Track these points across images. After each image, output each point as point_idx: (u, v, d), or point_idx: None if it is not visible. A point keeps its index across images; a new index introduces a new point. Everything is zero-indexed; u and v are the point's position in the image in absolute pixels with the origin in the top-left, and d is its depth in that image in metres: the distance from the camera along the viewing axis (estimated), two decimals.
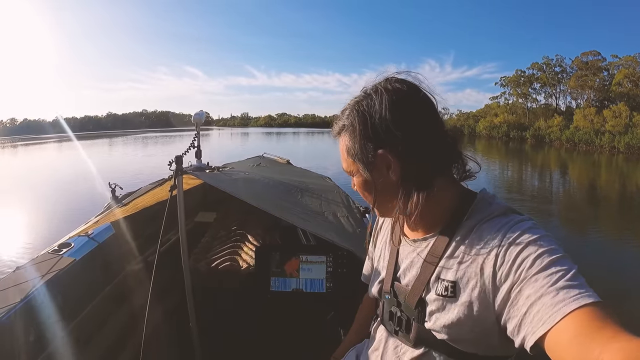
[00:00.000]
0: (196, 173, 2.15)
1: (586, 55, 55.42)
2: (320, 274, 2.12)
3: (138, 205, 2.66)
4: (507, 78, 65.26)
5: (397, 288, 0.99)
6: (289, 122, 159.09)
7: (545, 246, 0.72)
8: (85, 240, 2.62)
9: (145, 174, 14.13)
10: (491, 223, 0.82)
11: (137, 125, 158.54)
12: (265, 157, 5.33)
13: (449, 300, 0.83)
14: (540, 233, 0.76)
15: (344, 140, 0.93)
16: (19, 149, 48.87)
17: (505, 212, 0.84)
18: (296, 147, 39.73)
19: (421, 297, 0.89)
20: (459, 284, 0.82)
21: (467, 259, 0.82)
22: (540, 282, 0.67)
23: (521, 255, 0.73)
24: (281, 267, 2.16)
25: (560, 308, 0.62)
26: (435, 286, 0.87)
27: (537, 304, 0.66)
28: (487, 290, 0.77)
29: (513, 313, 0.71)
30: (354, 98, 0.93)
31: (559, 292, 0.64)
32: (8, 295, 1.99)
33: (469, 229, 0.85)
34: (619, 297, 5.27)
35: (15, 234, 8.39)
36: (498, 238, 0.78)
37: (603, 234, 9.03)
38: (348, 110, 0.92)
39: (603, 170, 23.75)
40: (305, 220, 2.22)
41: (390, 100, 0.85)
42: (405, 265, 0.97)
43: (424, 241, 0.93)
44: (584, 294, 0.63)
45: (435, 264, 0.88)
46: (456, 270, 0.83)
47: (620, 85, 48.99)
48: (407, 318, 0.94)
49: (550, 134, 49.08)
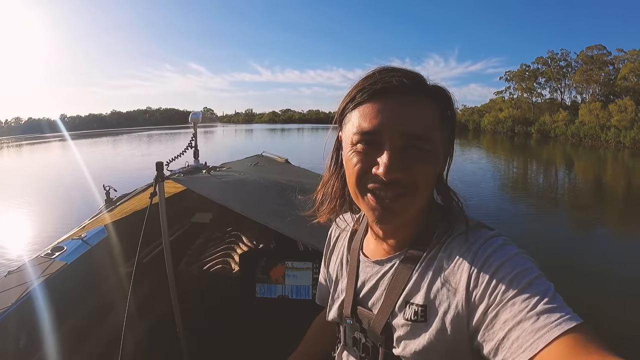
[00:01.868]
0: (179, 178, 2.15)
1: (591, 49, 55.13)
2: (306, 280, 2.11)
3: (130, 208, 2.65)
4: (512, 73, 65.13)
5: (360, 313, 0.90)
6: (293, 118, 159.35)
7: (520, 266, 0.69)
8: (79, 244, 2.61)
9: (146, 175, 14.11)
10: (460, 240, 0.78)
11: (141, 123, 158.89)
12: (264, 156, 5.32)
13: (419, 325, 0.77)
14: (514, 251, 0.72)
15: (430, 103, 0.76)
16: (24, 149, 49.07)
17: (475, 227, 0.79)
18: (299, 144, 39.62)
19: (387, 322, 0.83)
20: (429, 307, 0.77)
21: (437, 281, 0.77)
22: (518, 306, 0.64)
23: (496, 277, 0.69)
24: (267, 273, 2.14)
25: (542, 335, 0.59)
26: (403, 310, 0.80)
27: (516, 330, 0.62)
28: (461, 313, 0.72)
29: (489, 337, 0.67)
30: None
31: (539, 317, 0.61)
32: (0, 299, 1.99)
33: (438, 246, 0.80)
34: (618, 294, 5.24)
35: (16, 234, 8.42)
36: (470, 257, 0.74)
37: (611, 233, 8.99)
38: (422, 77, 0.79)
39: (609, 166, 23.60)
40: (294, 226, 2.20)
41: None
42: (368, 288, 0.89)
43: (388, 262, 0.86)
44: (565, 318, 0.60)
45: (402, 287, 0.81)
46: (425, 292, 0.77)
47: (626, 79, 48.67)
48: (373, 344, 0.87)
49: (555, 128, 48.94)
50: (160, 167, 2.03)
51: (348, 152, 0.79)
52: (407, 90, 0.74)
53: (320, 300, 1.21)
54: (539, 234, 7.90)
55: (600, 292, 5.22)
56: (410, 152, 0.73)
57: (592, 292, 5.17)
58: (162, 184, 2.03)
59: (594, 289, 5.29)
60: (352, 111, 0.78)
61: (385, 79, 0.74)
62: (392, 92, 0.74)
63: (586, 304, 4.20)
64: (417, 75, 0.77)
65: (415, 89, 0.75)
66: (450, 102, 0.80)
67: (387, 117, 0.73)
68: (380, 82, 0.74)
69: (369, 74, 0.77)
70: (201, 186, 2.26)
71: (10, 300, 1.98)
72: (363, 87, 0.76)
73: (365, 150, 0.76)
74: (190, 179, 2.32)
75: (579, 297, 4.54)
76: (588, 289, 5.26)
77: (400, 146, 0.73)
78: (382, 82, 0.74)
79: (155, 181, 2.01)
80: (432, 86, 0.78)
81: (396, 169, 0.72)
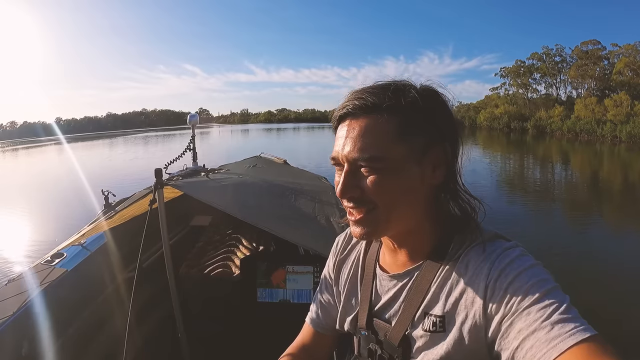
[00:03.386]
0: (178, 184, 2.14)
1: (586, 44, 55.18)
2: (307, 284, 2.11)
3: (130, 214, 2.65)
4: (507, 69, 65.18)
5: (377, 325, 0.91)
6: (289, 118, 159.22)
7: (536, 277, 0.70)
8: (79, 250, 2.60)
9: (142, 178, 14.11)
10: (478, 250, 0.79)
11: (137, 125, 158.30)
12: (262, 157, 5.32)
13: (437, 335, 0.79)
14: (531, 262, 0.73)
15: (385, 119, 0.76)
16: (20, 153, 48.94)
17: (492, 238, 0.80)
18: (296, 144, 39.62)
19: (405, 334, 0.84)
20: (447, 317, 0.78)
21: (455, 291, 0.78)
22: (533, 316, 0.65)
23: (512, 287, 0.70)
24: (268, 277, 2.14)
25: (556, 345, 0.60)
26: (421, 322, 0.81)
27: (530, 339, 0.63)
28: (478, 323, 0.73)
29: (504, 346, 0.68)
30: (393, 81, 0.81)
31: (554, 326, 0.62)
32: (1, 308, 1.99)
33: (455, 257, 0.80)
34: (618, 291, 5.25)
35: (14, 241, 8.38)
36: (487, 267, 0.75)
37: (607, 229, 9.01)
38: (393, 87, 0.79)
39: (606, 160, 23.66)
40: (294, 229, 2.20)
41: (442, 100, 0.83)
42: (385, 300, 0.90)
43: (406, 275, 0.87)
44: (579, 329, 0.60)
45: (420, 299, 0.82)
46: (444, 303, 0.79)
47: (621, 74, 48.79)
48: (390, 356, 0.88)
49: (551, 124, 48.95)
50: (159, 174, 2.03)
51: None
52: (360, 111, 0.78)
53: (321, 320, 1.12)
54: (538, 233, 7.85)
55: (599, 290, 5.23)
56: (363, 172, 0.78)
57: (592, 291, 5.17)
58: (161, 190, 2.03)
59: (592, 286, 5.29)
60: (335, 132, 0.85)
61: (348, 104, 0.79)
62: (350, 116, 0.80)
63: (585, 301, 4.19)
64: (378, 90, 0.79)
65: (370, 108, 0.77)
66: (420, 106, 0.78)
67: (339, 145, 0.80)
68: (344, 107, 0.80)
69: (345, 96, 0.83)
70: (200, 191, 2.26)
71: (11, 308, 1.97)
72: (336, 113, 0.83)
73: (337, 173, 0.83)
74: (189, 184, 2.31)
75: (578, 296, 4.52)
76: (587, 286, 5.27)
77: (354, 167, 0.78)
78: (344, 108, 0.80)
79: (155, 188, 2.01)
80: (391, 99, 0.77)
81: (348, 188, 0.79)
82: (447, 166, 0.81)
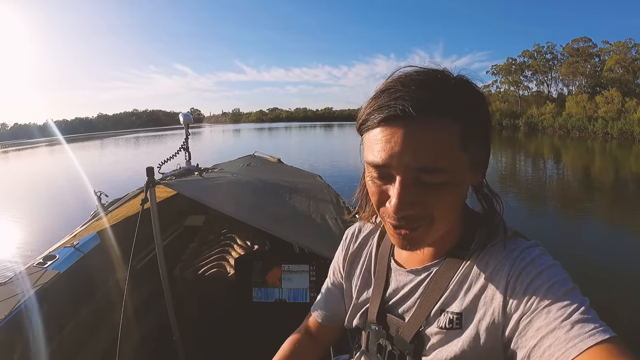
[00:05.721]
0: (170, 183, 2.12)
1: (577, 41, 55.78)
2: (303, 283, 2.09)
3: (122, 214, 2.61)
4: (499, 66, 65.73)
5: (390, 320, 0.88)
6: (280, 117, 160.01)
7: (557, 276, 0.69)
8: (71, 252, 2.57)
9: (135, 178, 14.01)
10: (499, 248, 0.77)
11: (128, 125, 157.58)
12: (257, 156, 5.29)
13: (453, 333, 0.77)
14: (551, 262, 0.72)
15: (449, 123, 0.68)
16: (10, 155, 48.57)
17: (513, 236, 0.78)
18: (289, 143, 39.59)
19: (418, 331, 0.81)
20: (465, 314, 0.76)
21: (474, 288, 0.76)
22: (553, 315, 0.64)
23: (532, 285, 0.69)
24: (263, 277, 2.13)
25: (576, 344, 0.59)
26: (437, 319, 0.79)
27: (549, 338, 0.62)
28: (497, 321, 0.72)
29: (522, 344, 0.66)
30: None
31: (573, 326, 0.61)
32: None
33: (475, 255, 0.79)
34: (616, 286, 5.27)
35: (5, 243, 8.30)
36: (507, 265, 0.73)
37: (601, 225, 9.07)
38: (453, 82, 0.71)
39: (597, 157, 23.83)
40: (289, 228, 2.17)
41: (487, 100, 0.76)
42: (400, 295, 0.87)
43: (424, 271, 0.84)
44: (599, 329, 0.60)
45: (438, 296, 0.80)
46: (462, 300, 0.77)
47: (612, 71, 49.38)
48: (400, 352, 0.85)
49: (543, 121, 49.37)
50: (150, 172, 2.00)
51: (367, 176, 0.76)
52: (419, 112, 0.65)
53: (327, 314, 1.11)
54: (536, 231, 7.88)
55: (599, 287, 5.25)
56: (422, 185, 0.69)
57: (590, 288, 5.19)
58: (153, 189, 2.00)
59: (591, 284, 5.32)
60: (366, 132, 0.73)
61: (392, 103, 0.66)
62: (403, 117, 0.66)
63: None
64: (432, 84, 0.69)
65: (426, 110, 0.66)
66: (478, 108, 0.72)
67: (394, 150, 0.67)
68: (386, 107, 0.67)
69: (376, 93, 0.71)
70: (193, 190, 2.23)
71: (3, 312, 1.94)
72: (372, 111, 0.70)
73: (379, 182, 0.73)
74: (182, 183, 2.29)
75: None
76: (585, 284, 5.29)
77: (412, 180, 0.69)
78: (388, 109, 0.67)
79: (146, 187, 1.98)
80: (451, 99, 0.68)
81: (406, 206, 0.69)
82: (487, 166, 0.79)
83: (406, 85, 0.68)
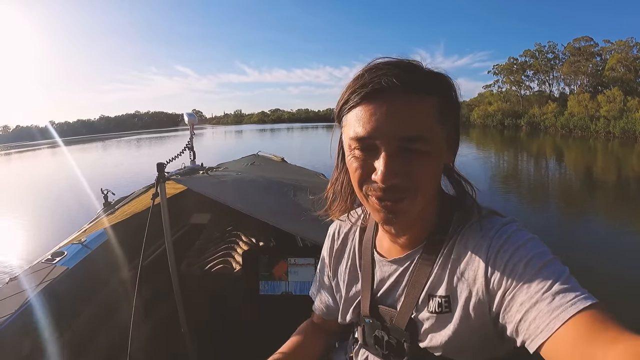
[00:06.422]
0: (179, 179, 2.14)
1: (578, 41, 55.58)
2: (309, 276, 2.11)
3: (130, 210, 2.64)
4: (500, 66, 65.48)
5: (382, 311, 0.90)
6: (282, 118, 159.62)
7: (534, 250, 0.71)
8: (79, 248, 2.59)
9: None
10: (475, 228, 0.79)
11: (130, 127, 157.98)
12: (260, 155, 5.31)
13: (444, 316, 0.79)
14: (528, 236, 0.74)
15: (427, 98, 0.73)
16: (14, 157, 48.64)
17: (488, 215, 0.81)
18: (291, 144, 39.56)
19: (411, 318, 0.83)
20: (452, 297, 0.78)
21: (457, 270, 0.78)
22: (534, 288, 0.65)
23: (512, 261, 0.71)
24: (270, 270, 2.14)
25: (558, 315, 0.60)
26: (426, 304, 0.81)
27: (533, 311, 0.64)
28: (482, 299, 0.74)
29: (508, 319, 0.69)
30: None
31: (555, 297, 0.62)
32: (2, 306, 1.97)
33: (454, 238, 0.81)
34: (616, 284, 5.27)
35: (14, 241, 8.35)
36: (485, 244, 0.75)
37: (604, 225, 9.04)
38: (423, 66, 0.76)
39: (600, 156, 23.76)
40: (296, 223, 2.19)
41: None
42: (387, 286, 0.90)
43: (406, 259, 0.86)
44: (580, 297, 0.61)
45: (424, 282, 0.82)
46: (447, 283, 0.79)
47: (614, 70, 49.16)
48: (397, 341, 0.87)
49: (545, 120, 49.25)
50: (161, 167, 2.03)
51: (348, 156, 0.78)
52: (398, 88, 0.70)
53: (323, 309, 1.14)
54: (539, 230, 7.81)
55: (601, 286, 5.25)
56: (407, 154, 0.71)
57: (594, 287, 5.19)
58: (163, 184, 2.02)
59: (593, 283, 5.32)
60: (348, 113, 0.76)
61: (375, 79, 0.71)
62: (383, 92, 0.71)
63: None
64: (410, 67, 0.73)
65: (408, 86, 0.71)
66: (451, 89, 0.78)
67: (379, 122, 0.71)
68: (370, 83, 0.71)
69: (359, 74, 0.75)
70: (202, 186, 2.26)
71: (12, 307, 1.96)
72: (354, 90, 0.73)
73: (363, 156, 0.75)
74: (190, 179, 2.31)
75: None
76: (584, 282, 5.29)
77: (396, 150, 0.71)
78: (372, 84, 0.71)
79: (157, 182, 2.00)
80: (427, 78, 0.74)
81: (393, 175, 0.71)
82: (457, 149, 0.83)
83: (386, 65, 0.73)
